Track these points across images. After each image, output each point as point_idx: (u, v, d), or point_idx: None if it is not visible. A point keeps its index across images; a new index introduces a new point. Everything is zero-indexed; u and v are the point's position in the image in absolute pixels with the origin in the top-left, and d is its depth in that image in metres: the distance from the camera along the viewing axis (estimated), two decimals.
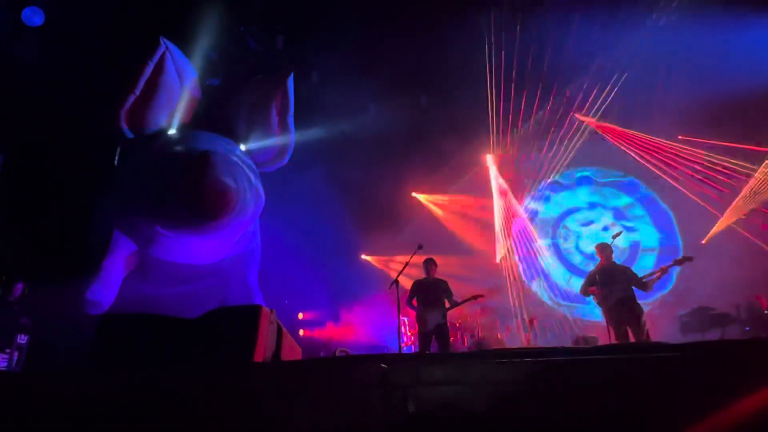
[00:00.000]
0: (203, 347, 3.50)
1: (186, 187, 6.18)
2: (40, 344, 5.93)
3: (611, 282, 6.19)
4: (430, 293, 6.85)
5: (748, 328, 7.90)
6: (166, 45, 6.82)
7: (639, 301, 6.16)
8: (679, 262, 6.30)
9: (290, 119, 7.90)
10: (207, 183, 6.20)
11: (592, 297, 6.39)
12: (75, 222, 7.24)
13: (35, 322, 6.37)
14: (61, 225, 7.33)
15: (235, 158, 7.07)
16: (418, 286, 6.99)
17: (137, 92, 6.74)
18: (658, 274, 6.18)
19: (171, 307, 5.16)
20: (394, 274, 6.86)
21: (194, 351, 3.48)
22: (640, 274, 6.42)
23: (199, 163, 6.17)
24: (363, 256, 12.55)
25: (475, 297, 6.92)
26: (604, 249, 6.55)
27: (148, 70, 6.72)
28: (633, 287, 6.16)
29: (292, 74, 7.73)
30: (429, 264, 7.08)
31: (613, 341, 5.88)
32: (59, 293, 6.19)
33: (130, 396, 3.15)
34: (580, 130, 10.58)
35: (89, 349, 3.55)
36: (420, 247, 7.05)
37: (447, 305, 6.78)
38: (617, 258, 6.83)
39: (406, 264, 6.90)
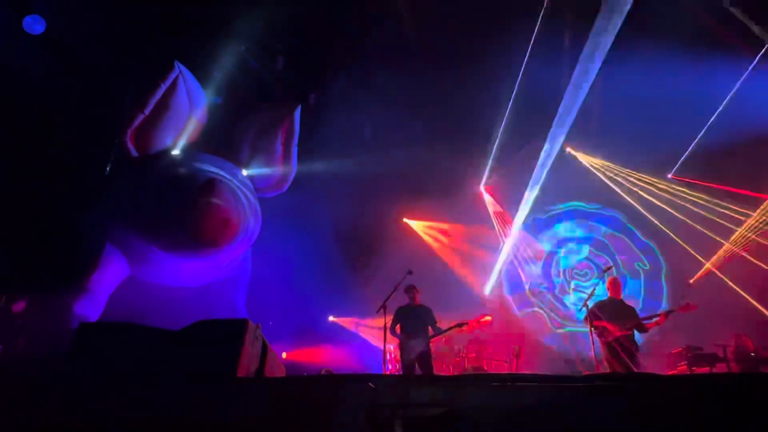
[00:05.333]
0: (184, 359, 3.38)
1: (190, 212, 6.21)
2: (13, 353, 5.70)
3: (616, 318, 6.15)
4: (413, 320, 6.73)
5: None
6: (179, 69, 6.91)
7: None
8: (684, 309, 6.24)
9: (294, 149, 8.03)
10: (212, 211, 6.27)
11: (595, 330, 6.25)
12: (66, 233, 7.09)
13: (10, 332, 6.15)
14: (51, 235, 7.18)
15: (237, 184, 7.11)
16: (401, 313, 6.86)
17: (146, 112, 6.79)
18: (659, 320, 6.13)
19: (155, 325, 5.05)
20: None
21: (175, 363, 3.36)
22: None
23: (205, 190, 6.22)
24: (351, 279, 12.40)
25: (459, 325, 6.79)
26: (615, 284, 6.54)
27: (160, 92, 6.79)
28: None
29: (300, 107, 7.86)
30: (411, 290, 7.01)
31: None
32: (45, 304, 6.01)
33: (105, 407, 3.01)
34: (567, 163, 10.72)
35: (66, 358, 3.42)
36: (410, 272, 7.01)
37: (431, 332, 6.67)
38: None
39: (395, 289, 6.83)
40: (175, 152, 7.18)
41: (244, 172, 7.81)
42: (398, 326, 6.77)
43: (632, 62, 8.56)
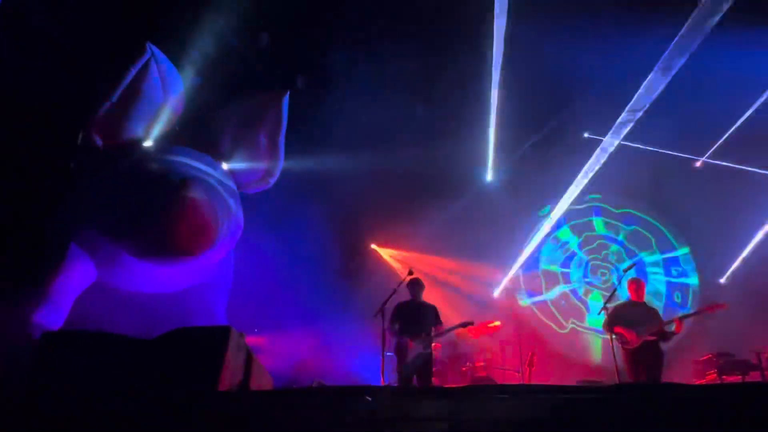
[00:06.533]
0: (160, 372, 3.38)
1: (162, 217, 6.11)
2: None
3: (640, 323, 6.16)
4: (414, 319, 6.64)
5: None
6: (152, 51, 6.79)
7: None
8: (709, 309, 6.23)
9: (281, 141, 7.97)
10: (187, 217, 6.14)
11: (615, 336, 6.26)
12: (24, 233, 7.05)
13: None
14: (7, 235, 7.14)
15: (215, 181, 7.06)
16: (403, 311, 6.75)
17: (114, 100, 6.69)
18: (675, 328, 6.10)
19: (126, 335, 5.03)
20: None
21: (150, 376, 3.36)
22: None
23: (179, 192, 6.09)
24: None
25: (464, 324, 6.73)
26: (638, 285, 6.52)
27: (129, 77, 6.66)
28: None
29: (288, 94, 7.81)
30: (415, 285, 6.92)
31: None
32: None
33: (72, 425, 3.01)
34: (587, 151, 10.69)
35: (27, 370, 3.42)
36: (410, 272, 7.02)
37: (433, 333, 6.58)
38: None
39: (394, 291, 6.83)
40: (147, 144, 7.14)
41: (225, 167, 7.75)
42: (398, 325, 6.68)
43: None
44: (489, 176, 11.73)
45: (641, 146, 10.45)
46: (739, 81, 8.50)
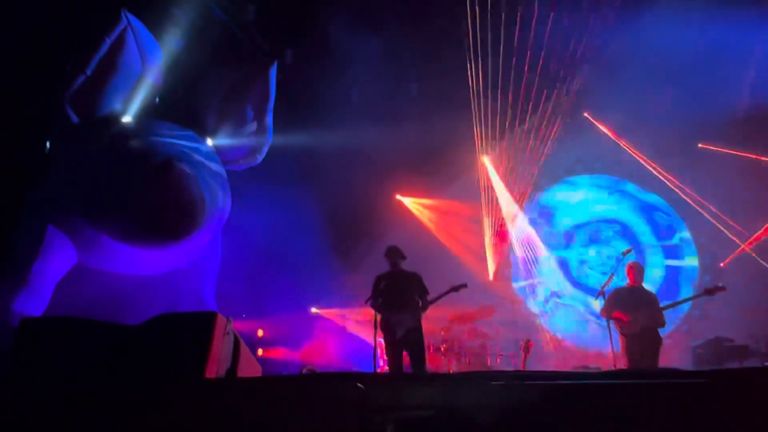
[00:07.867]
0: (144, 359, 3.41)
1: (145, 199, 6.07)
2: None
3: (638, 308, 6.24)
4: (396, 291, 6.37)
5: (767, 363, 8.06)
6: (128, 20, 6.67)
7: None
8: (709, 292, 6.35)
9: (269, 114, 7.90)
10: (171, 200, 6.11)
11: (612, 322, 6.36)
12: None
13: None
14: None
15: (200, 158, 6.99)
16: (382, 283, 6.48)
17: (88, 72, 6.56)
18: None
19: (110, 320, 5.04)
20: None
21: (134, 363, 3.38)
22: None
23: (162, 171, 6.03)
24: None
25: (456, 288, 6.60)
26: (637, 270, 6.59)
27: (104, 47, 6.54)
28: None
29: (275, 64, 7.70)
30: (392, 254, 6.67)
31: None
32: None
33: (52, 414, 3.04)
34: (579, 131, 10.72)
35: (6, 358, 3.43)
36: (403, 256, 7.02)
37: (420, 305, 6.32)
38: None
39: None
40: (126, 119, 7.06)
41: (210, 142, 7.69)
42: (380, 300, 6.43)
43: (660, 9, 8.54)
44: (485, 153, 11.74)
45: (642, 124, 10.50)
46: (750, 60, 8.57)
